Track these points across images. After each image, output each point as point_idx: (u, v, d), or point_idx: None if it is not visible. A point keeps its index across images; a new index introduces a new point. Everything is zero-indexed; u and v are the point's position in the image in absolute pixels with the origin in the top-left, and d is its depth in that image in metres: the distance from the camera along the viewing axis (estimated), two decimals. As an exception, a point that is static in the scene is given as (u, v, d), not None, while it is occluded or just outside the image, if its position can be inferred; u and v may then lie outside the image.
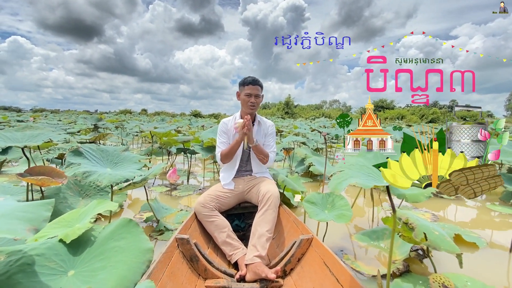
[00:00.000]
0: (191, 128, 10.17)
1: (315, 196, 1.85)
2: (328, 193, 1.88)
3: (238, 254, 1.48)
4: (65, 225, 1.24)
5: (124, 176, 1.50)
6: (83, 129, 7.39)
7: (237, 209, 1.89)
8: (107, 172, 1.51)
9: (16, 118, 12.18)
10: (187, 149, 3.89)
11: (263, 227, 1.47)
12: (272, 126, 1.98)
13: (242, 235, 1.85)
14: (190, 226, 1.57)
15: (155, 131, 4.37)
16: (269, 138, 1.96)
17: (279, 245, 1.65)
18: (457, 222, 2.43)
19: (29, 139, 1.92)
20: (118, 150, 1.84)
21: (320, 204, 1.83)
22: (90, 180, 1.40)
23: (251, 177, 1.88)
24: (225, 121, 1.93)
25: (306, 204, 1.76)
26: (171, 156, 4.80)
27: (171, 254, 1.25)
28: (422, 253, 1.69)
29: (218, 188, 1.80)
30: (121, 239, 1.16)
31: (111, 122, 11.49)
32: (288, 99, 49.41)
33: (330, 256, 1.23)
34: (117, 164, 1.76)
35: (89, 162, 1.56)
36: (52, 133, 2.08)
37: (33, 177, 1.59)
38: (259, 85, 1.82)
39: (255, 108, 1.84)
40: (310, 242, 1.41)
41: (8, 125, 7.15)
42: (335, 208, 1.78)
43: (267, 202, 1.56)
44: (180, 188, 3.40)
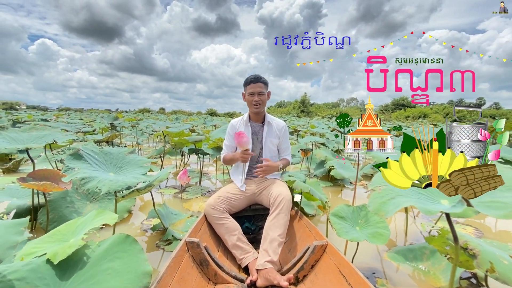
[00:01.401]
0: (206, 127, 10.16)
1: (344, 210, 1.60)
2: (359, 206, 1.64)
3: (249, 258, 1.44)
4: (59, 239, 1.13)
5: (126, 183, 1.38)
6: (101, 127, 7.51)
7: (248, 211, 1.84)
8: (108, 178, 1.39)
9: (40, 117, 12.68)
10: (199, 149, 3.78)
11: (274, 232, 1.43)
12: (284, 127, 1.92)
13: (252, 237, 1.82)
14: (200, 228, 1.54)
15: (168, 130, 4.29)
16: (284, 141, 1.92)
17: (291, 250, 1.60)
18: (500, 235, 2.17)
19: (35, 140, 1.86)
20: (122, 153, 1.74)
21: (350, 219, 1.58)
22: (88, 187, 1.28)
23: (262, 179, 1.83)
24: (233, 123, 1.91)
25: (334, 219, 1.53)
26: (184, 156, 4.73)
27: (181, 258, 1.22)
28: (476, 282, 1.44)
29: (229, 190, 1.76)
30: (116, 259, 1.03)
31: (129, 121, 11.74)
32: (304, 97, 48.82)
33: (346, 265, 1.16)
34: (121, 168, 1.65)
35: (89, 166, 1.46)
36: (58, 133, 2.02)
37: (34, 183, 1.51)
38: (261, 82, 1.76)
39: (261, 107, 1.78)
40: (324, 249, 1.35)
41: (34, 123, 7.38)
42: (368, 224, 1.54)
43: (279, 205, 1.51)
44: (189, 190, 3.28)
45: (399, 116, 36.13)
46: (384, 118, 32.29)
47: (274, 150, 1.89)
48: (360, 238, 1.43)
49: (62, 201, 1.95)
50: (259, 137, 1.85)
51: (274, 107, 60.82)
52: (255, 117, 1.86)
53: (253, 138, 1.84)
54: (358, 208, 1.63)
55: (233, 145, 1.89)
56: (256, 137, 1.85)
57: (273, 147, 1.88)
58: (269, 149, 1.86)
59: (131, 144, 6.95)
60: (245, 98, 1.82)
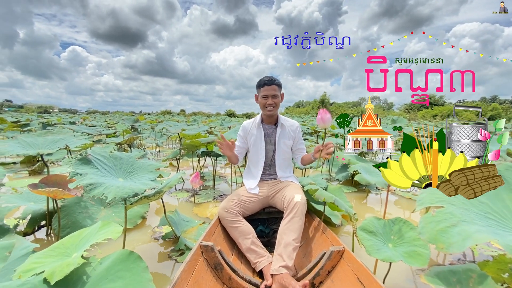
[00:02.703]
0: (224, 129, 10.15)
1: (374, 223, 1.42)
2: (392, 220, 1.44)
3: (263, 263, 1.42)
4: (62, 252, 1.07)
5: (133, 190, 1.31)
6: (123, 129, 7.69)
7: (261, 214, 1.82)
8: (115, 184, 1.33)
9: (69, 120, 13.35)
10: (211, 151, 3.63)
11: (289, 236, 1.40)
12: (298, 128, 1.89)
13: (266, 241, 1.78)
14: (214, 232, 1.53)
15: (184, 133, 4.24)
16: (298, 142, 1.89)
17: (306, 255, 1.56)
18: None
19: (49, 145, 1.86)
20: (133, 157, 1.68)
21: (382, 235, 1.39)
22: (94, 193, 1.22)
23: (275, 181, 1.82)
24: (245, 125, 1.89)
25: (363, 235, 1.35)
26: (200, 159, 4.68)
27: (196, 262, 1.21)
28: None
29: (242, 193, 1.74)
30: (118, 278, 0.94)
31: (150, 123, 12.03)
32: (324, 96, 47.98)
33: (365, 272, 1.12)
34: (131, 174, 1.59)
35: (97, 172, 1.41)
36: (72, 138, 2.01)
37: (45, 189, 1.48)
38: (275, 84, 1.72)
39: (274, 110, 1.75)
40: (341, 255, 1.31)
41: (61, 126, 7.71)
42: (403, 241, 1.34)
43: (293, 209, 1.48)
44: (201, 193, 3.20)
45: (425, 115, 34.20)
46: (410, 117, 30.67)
47: (287, 151, 1.86)
48: (394, 258, 1.24)
49: (76, 207, 1.92)
50: (272, 139, 1.83)
51: (292, 107, 60.16)
52: (268, 119, 1.83)
53: (266, 140, 1.83)
54: (390, 222, 1.44)
55: (244, 147, 1.89)
56: (269, 139, 1.84)
57: (287, 148, 1.84)
58: (283, 150, 1.83)
59: (151, 146, 7.07)
60: (257, 100, 1.79)
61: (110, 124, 11.97)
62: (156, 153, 6.13)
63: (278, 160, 1.82)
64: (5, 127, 6.27)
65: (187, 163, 5.21)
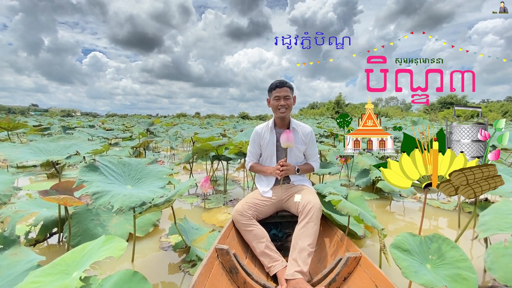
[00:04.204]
0: (237, 132, 10.09)
1: (408, 240, 1.22)
2: (429, 237, 1.25)
3: (278, 267, 1.42)
4: (63, 270, 0.99)
5: (140, 198, 1.23)
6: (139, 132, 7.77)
7: (275, 218, 1.81)
8: (122, 192, 1.25)
9: (88, 123, 13.77)
10: (222, 155, 3.52)
11: (304, 241, 1.39)
12: (311, 133, 1.87)
13: (280, 245, 1.79)
14: (229, 235, 1.54)
15: (197, 136, 4.19)
16: (310, 147, 1.87)
17: (321, 260, 1.55)
18: None
19: (61, 151, 1.83)
20: (142, 163, 1.62)
21: (418, 254, 1.18)
22: (100, 203, 1.16)
23: (289, 185, 1.80)
24: (258, 130, 1.88)
25: (397, 253, 1.15)
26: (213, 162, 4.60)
27: (212, 266, 1.23)
28: None
29: (256, 196, 1.74)
30: (120, 304, 0.83)
31: (166, 126, 12.16)
32: (339, 97, 47.10)
33: (384, 280, 1.10)
34: (140, 180, 1.52)
35: (105, 179, 1.35)
36: (84, 143, 1.98)
37: (55, 196, 1.43)
38: (287, 87, 1.73)
39: (287, 112, 1.75)
40: (358, 261, 1.29)
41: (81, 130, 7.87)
42: (444, 262, 1.13)
43: (308, 213, 1.47)
44: (211, 198, 3.11)
45: (447, 115, 32.67)
46: (430, 118, 29.39)
47: (300, 156, 1.85)
48: (437, 282, 1.02)
49: (88, 214, 1.87)
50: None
51: (306, 109, 59.49)
52: (280, 123, 1.82)
53: (278, 144, 1.81)
54: (427, 239, 1.24)
55: (258, 152, 1.89)
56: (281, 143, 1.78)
57: (299, 153, 1.83)
58: (295, 155, 1.82)
59: (166, 149, 7.10)
60: (269, 104, 1.80)
61: (127, 127, 12.20)
62: (171, 156, 6.15)
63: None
64: (27, 130, 6.52)
65: (201, 166, 5.17)
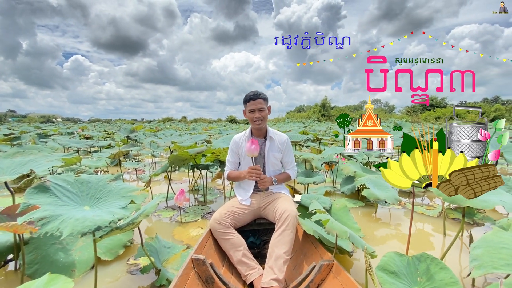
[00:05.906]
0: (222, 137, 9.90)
1: (395, 261, 1.16)
2: (417, 257, 1.19)
3: (254, 275, 1.43)
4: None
5: (95, 222, 1.08)
6: (121, 139, 7.40)
7: (252, 226, 1.82)
8: (75, 216, 1.09)
9: (67, 130, 13.06)
10: (199, 164, 3.28)
11: (280, 249, 1.42)
12: (287, 141, 1.92)
13: (257, 252, 1.79)
14: (206, 244, 1.53)
15: (178, 144, 3.98)
16: (287, 154, 1.92)
17: (296, 267, 1.57)
18: None
19: (15, 168, 1.61)
20: (104, 180, 1.46)
21: (406, 276, 1.13)
22: (47, 229, 1.00)
23: (267, 192, 1.82)
24: (236, 139, 1.92)
25: (383, 277, 1.11)
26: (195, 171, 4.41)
27: (187, 277, 1.22)
28: None
29: (234, 204, 1.76)
30: None
31: (150, 131, 11.71)
32: (325, 100, 47.96)
33: (353, 285, 1.14)
34: (100, 200, 1.36)
35: (57, 200, 1.19)
36: (43, 159, 1.77)
37: (3, 224, 1.22)
38: (260, 98, 1.76)
39: (262, 123, 1.79)
40: (330, 268, 1.32)
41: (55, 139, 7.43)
42: (433, 285, 1.07)
43: (284, 221, 1.49)
44: (189, 211, 2.89)
45: (428, 117, 33.82)
46: (412, 119, 30.32)
47: (277, 164, 1.90)
48: None
49: (48, 237, 1.65)
50: (261, 152, 1.85)
51: (293, 112, 60.09)
52: (257, 133, 1.87)
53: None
54: (415, 259, 1.18)
55: (237, 161, 1.92)
56: (259, 152, 1.80)
57: (276, 161, 1.88)
58: (272, 163, 1.87)
59: (149, 156, 6.81)
60: (246, 115, 1.83)
61: (109, 134, 11.73)
62: (152, 164, 5.91)
63: (268, 173, 1.85)
64: (-4, 140, 6.06)
65: (185, 174, 4.96)
